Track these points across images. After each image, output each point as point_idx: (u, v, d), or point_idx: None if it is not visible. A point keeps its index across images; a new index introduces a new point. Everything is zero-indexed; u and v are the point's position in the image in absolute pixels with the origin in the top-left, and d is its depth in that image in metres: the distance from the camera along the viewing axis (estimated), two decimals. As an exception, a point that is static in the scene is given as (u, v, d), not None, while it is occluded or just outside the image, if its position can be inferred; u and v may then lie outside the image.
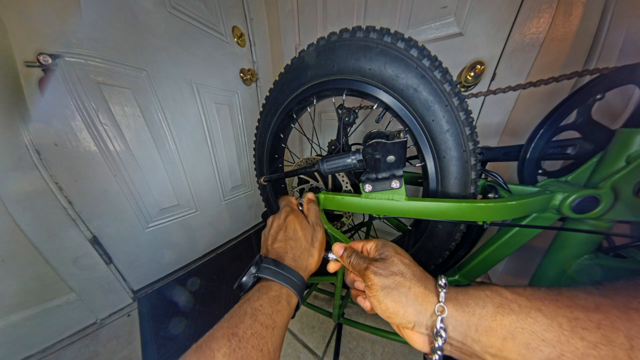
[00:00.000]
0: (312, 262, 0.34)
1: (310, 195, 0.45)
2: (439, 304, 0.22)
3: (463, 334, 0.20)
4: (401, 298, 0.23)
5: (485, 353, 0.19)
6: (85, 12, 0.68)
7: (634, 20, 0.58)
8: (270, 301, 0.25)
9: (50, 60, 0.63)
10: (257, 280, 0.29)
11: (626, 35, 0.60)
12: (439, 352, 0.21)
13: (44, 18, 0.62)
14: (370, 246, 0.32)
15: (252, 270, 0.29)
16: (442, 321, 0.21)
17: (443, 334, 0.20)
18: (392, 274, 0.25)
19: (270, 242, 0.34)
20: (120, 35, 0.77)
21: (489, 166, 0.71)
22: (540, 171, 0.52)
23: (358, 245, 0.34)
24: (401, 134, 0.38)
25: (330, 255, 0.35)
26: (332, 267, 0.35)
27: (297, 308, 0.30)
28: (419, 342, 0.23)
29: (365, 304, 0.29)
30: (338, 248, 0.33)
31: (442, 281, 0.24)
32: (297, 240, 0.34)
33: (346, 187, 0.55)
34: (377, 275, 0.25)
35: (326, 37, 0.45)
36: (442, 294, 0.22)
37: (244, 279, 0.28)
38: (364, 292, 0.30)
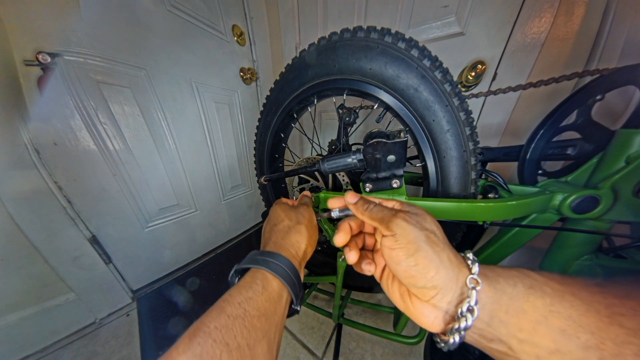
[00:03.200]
0: (300, 239, 0.31)
1: (306, 192, 0.45)
2: (471, 276, 0.19)
3: (490, 314, 0.18)
4: (434, 257, 0.20)
5: (512, 337, 0.17)
6: (84, 11, 0.68)
7: (636, 21, 0.58)
8: (240, 288, 0.22)
9: (49, 59, 0.62)
10: (241, 273, 0.26)
11: (627, 36, 0.60)
12: (462, 333, 0.18)
13: (43, 16, 0.62)
14: (392, 204, 0.27)
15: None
16: (476, 295, 0.18)
17: (476, 310, 0.18)
18: (425, 228, 0.22)
19: (262, 240, 0.34)
20: (119, 33, 0.77)
21: (490, 166, 0.71)
22: (540, 171, 0.52)
23: (373, 199, 0.29)
24: (401, 134, 0.38)
25: (334, 212, 0.31)
26: (340, 238, 0.27)
27: (294, 300, 0.26)
28: (429, 317, 0.20)
29: (370, 268, 0.26)
30: (351, 196, 0.28)
31: (470, 255, 0.21)
32: (279, 223, 0.33)
33: (346, 186, 0.55)
34: (409, 224, 0.21)
35: (327, 36, 0.45)
36: (475, 266, 0.20)
37: (230, 276, 0.26)
38: (370, 253, 0.27)
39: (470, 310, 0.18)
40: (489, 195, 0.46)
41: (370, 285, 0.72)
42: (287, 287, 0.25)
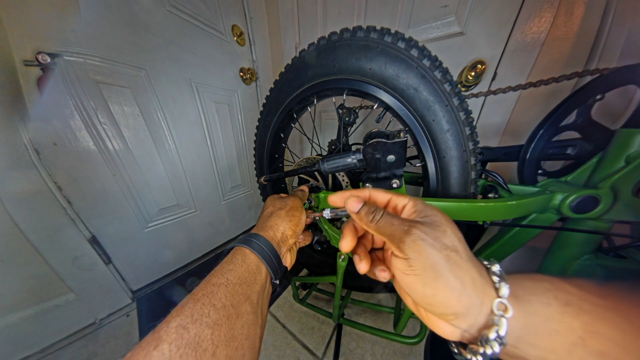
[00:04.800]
0: (279, 222, 0.34)
1: (303, 187, 0.48)
2: (499, 300, 0.16)
3: (518, 338, 0.16)
4: (456, 284, 0.16)
5: None
6: (84, 11, 0.67)
7: (636, 21, 0.58)
8: (223, 264, 0.26)
9: (49, 59, 0.62)
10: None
11: (627, 36, 0.60)
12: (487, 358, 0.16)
13: (43, 17, 0.62)
14: (403, 203, 0.22)
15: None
16: (507, 324, 0.16)
17: (504, 340, 0.16)
18: (445, 247, 0.17)
19: None
20: (119, 33, 0.76)
21: (490, 166, 0.71)
22: (540, 171, 0.52)
23: (382, 197, 0.24)
24: (401, 134, 0.38)
25: (325, 213, 0.30)
26: (346, 244, 0.23)
27: (273, 275, 0.29)
28: (446, 330, 0.19)
29: (384, 275, 0.22)
30: (353, 202, 0.22)
31: (497, 268, 0.18)
32: (265, 210, 0.38)
33: (346, 186, 0.55)
34: (426, 244, 0.17)
35: (327, 36, 0.45)
36: (504, 288, 0.17)
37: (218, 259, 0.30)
38: (381, 253, 0.24)
39: (497, 339, 0.16)
40: (489, 195, 0.46)
41: (370, 285, 0.72)
42: (263, 261, 0.28)
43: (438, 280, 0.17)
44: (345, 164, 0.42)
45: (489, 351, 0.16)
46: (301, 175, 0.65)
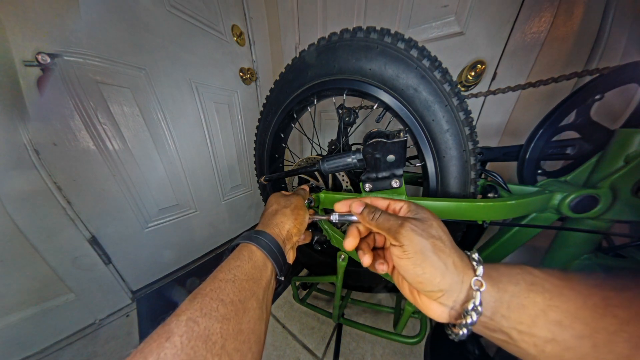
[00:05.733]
0: (284, 220, 0.35)
1: (304, 186, 0.48)
2: (476, 278, 0.20)
3: (493, 310, 0.19)
4: (440, 265, 0.21)
5: (512, 329, 0.19)
6: (83, 11, 0.67)
7: (637, 20, 0.58)
8: (230, 260, 0.26)
9: (49, 60, 0.62)
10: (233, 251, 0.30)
11: (629, 35, 0.59)
12: (469, 327, 0.20)
13: (43, 17, 0.62)
14: (399, 206, 0.27)
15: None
16: (480, 297, 0.20)
17: (480, 309, 0.19)
18: (432, 236, 0.22)
19: None
20: (119, 34, 0.76)
21: (489, 166, 0.71)
22: (539, 171, 0.52)
23: (382, 203, 0.29)
24: (401, 134, 0.38)
25: (334, 217, 0.31)
26: (349, 243, 0.28)
27: (278, 271, 0.29)
28: (437, 311, 0.22)
29: (383, 267, 0.27)
30: (357, 205, 0.29)
31: (476, 256, 0.22)
32: (269, 208, 0.38)
33: (346, 186, 0.55)
34: (416, 234, 0.22)
35: (327, 37, 0.45)
36: (480, 268, 0.21)
37: (224, 254, 0.30)
38: (382, 251, 0.29)
39: (474, 309, 0.19)
40: (489, 194, 0.46)
41: (370, 285, 0.72)
42: (269, 258, 0.29)
43: (426, 261, 0.21)
44: (345, 163, 0.42)
45: (468, 320, 0.19)
46: (301, 175, 0.65)
